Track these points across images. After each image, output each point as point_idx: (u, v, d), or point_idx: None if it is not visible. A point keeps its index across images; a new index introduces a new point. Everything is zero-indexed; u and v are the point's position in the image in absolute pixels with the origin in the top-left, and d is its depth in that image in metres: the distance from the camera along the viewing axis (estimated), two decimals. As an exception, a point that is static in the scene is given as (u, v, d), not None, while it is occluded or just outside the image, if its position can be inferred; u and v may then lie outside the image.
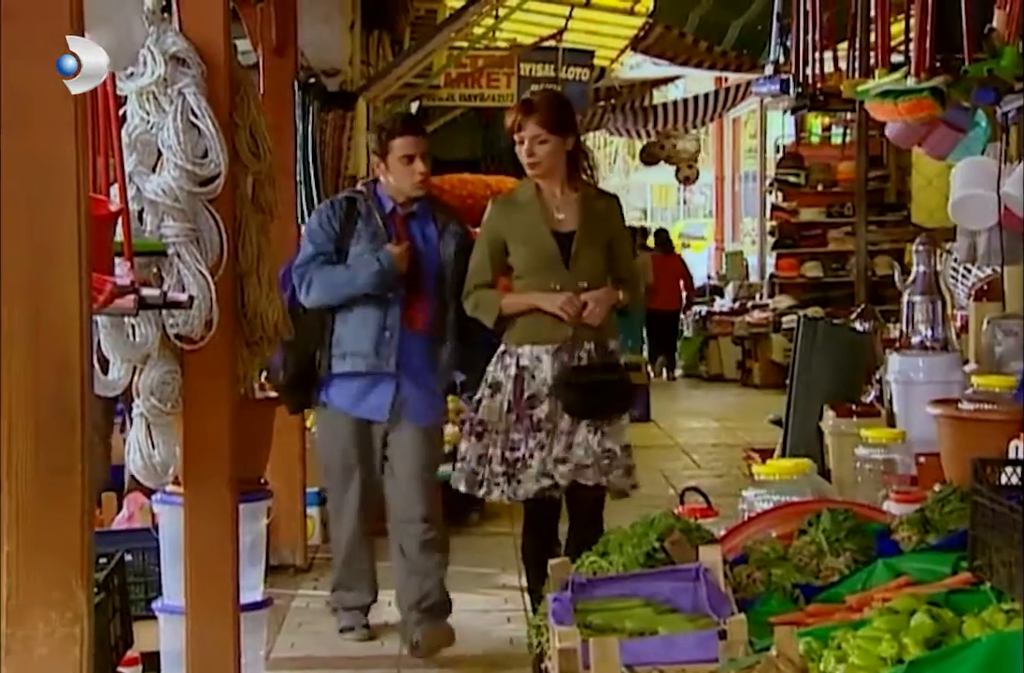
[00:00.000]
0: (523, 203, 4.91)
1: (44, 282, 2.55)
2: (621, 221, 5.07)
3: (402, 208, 5.18)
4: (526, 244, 4.86)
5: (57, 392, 2.55)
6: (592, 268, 4.85)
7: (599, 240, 4.87)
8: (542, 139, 4.80)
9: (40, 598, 2.53)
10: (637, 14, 11.37)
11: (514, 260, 4.90)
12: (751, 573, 3.23)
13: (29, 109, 2.52)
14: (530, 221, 4.85)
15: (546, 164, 4.84)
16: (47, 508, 2.55)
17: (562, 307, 4.75)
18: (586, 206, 4.88)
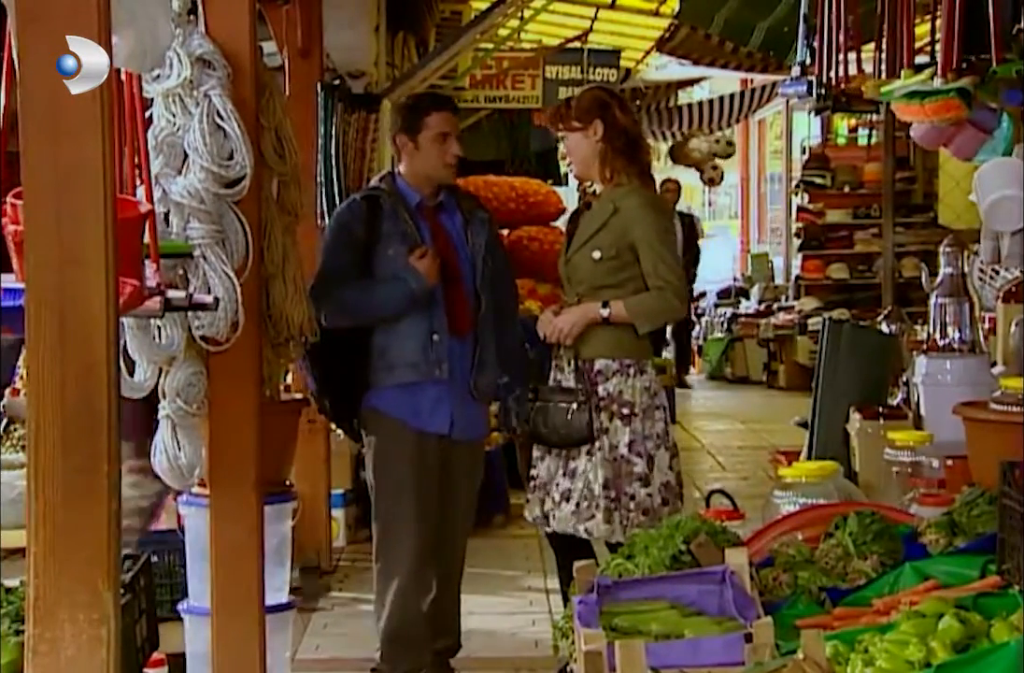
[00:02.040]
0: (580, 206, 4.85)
1: (71, 284, 2.56)
2: (639, 225, 4.50)
3: (428, 200, 4.69)
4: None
5: (84, 394, 2.56)
6: (586, 281, 4.55)
7: (595, 247, 4.52)
8: (566, 135, 4.61)
9: (67, 599, 2.54)
10: (662, 15, 11.35)
11: None
12: (777, 576, 3.22)
13: (56, 111, 2.53)
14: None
15: (575, 160, 4.60)
16: (74, 509, 2.56)
17: (540, 329, 4.60)
18: (595, 208, 4.59)
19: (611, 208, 4.48)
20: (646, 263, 4.47)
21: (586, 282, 4.52)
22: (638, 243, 4.47)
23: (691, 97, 15.37)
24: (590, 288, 4.51)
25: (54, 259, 2.55)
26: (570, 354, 4.52)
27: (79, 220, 2.55)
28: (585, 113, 4.53)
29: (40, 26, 2.52)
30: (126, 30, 2.75)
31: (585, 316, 4.47)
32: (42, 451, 2.56)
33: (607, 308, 4.45)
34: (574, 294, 4.56)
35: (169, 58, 3.51)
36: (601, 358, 4.48)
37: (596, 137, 4.51)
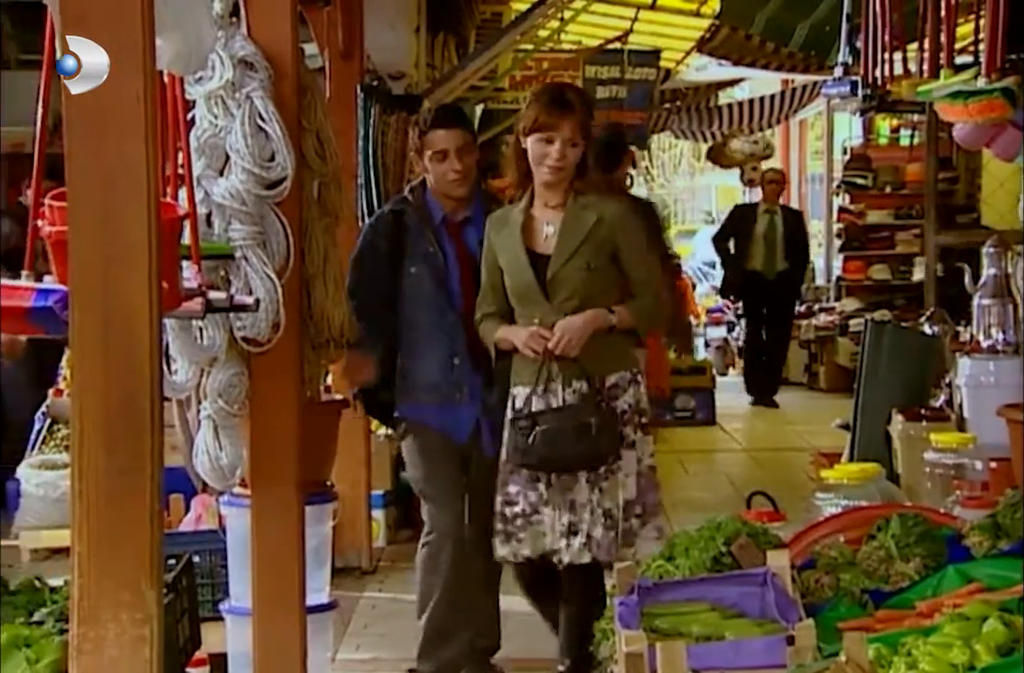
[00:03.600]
0: (512, 217, 4.25)
1: (114, 285, 2.57)
2: (626, 228, 4.22)
3: (453, 214, 4.57)
4: (509, 269, 4.23)
5: (127, 394, 2.57)
6: (581, 296, 4.14)
7: (587, 260, 4.13)
8: (575, 142, 4.13)
9: (111, 599, 2.55)
10: (703, 15, 11.32)
11: (506, 286, 4.28)
12: (819, 578, 3.21)
13: (100, 114, 2.54)
14: (512, 239, 4.21)
15: (569, 171, 4.15)
16: (117, 509, 2.57)
17: (526, 344, 4.13)
18: (572, 218, 4.16)
19: (593, 217, 4.14)
20: (637, 269, 4.22)
21: (578, 295, 4.14)
22: (626, 250, 4.19)
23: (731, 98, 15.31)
24: (582, 300, 4.14)
25: (98, 261, 2.57)
26: (572, 372, 4.12)
27: (123, 222, 2.57)
28: (591, 114, 4.27)
29: (84, 28, 2.54)
30: (170, 32, 2.76)
31: (594, 323, 4.12)
32: (85, 451, 2.57)
33: (613, 314, 4.14)
34: (558, 311, 4.12)
35: (211, 60, 3.52)
36: (615, 372, 4.17)
37: (582, 146, 4.17)
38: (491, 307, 4.29)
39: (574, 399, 4.09)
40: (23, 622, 3.10)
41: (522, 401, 4.16)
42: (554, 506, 4.12)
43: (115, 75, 2.52)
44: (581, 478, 4.08)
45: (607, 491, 4.09)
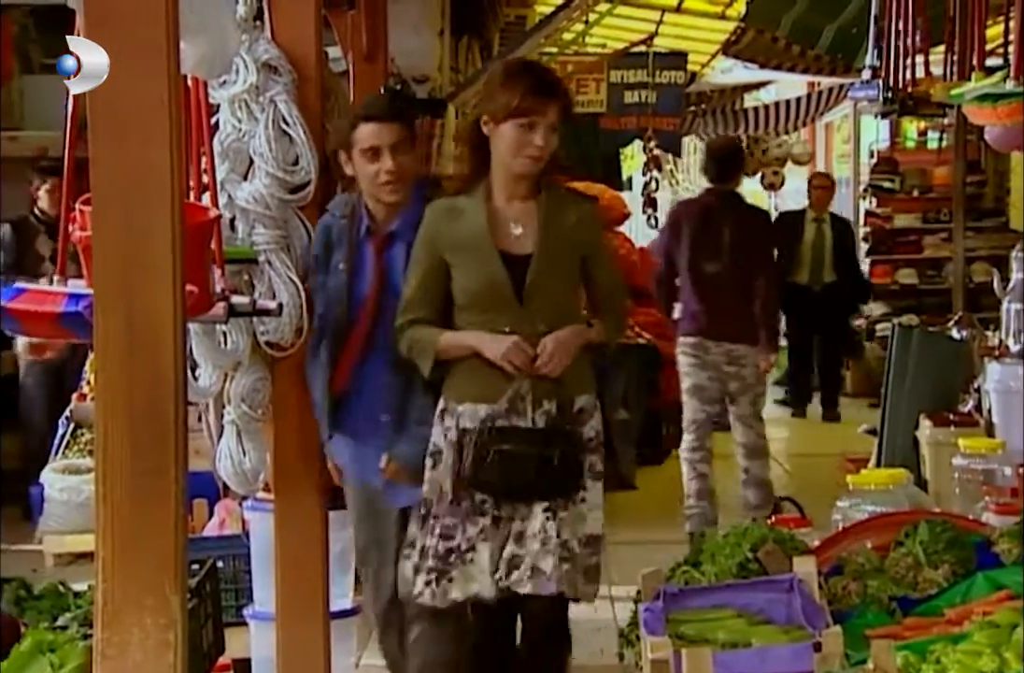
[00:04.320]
0: (468, 209, 3.63)
1: (138, 289, 2.56)
2: (597, 231, 3.81)
3: (380, 225, 3.80)
4: (468, 269, 3.60)
5: (151, 398, 2.56)
6: (556, 304, 3.62)
7: (566, 264, 3.64)
8: (555, 128, 3.62)
9: (135, 604, 2.54)
10: (729, 18, 11.30)
11: (455, 287, 3.63)
12: (847, 585, 3.19)
13: (124, 117, 2.53)
14: (475, 236, 3.60)
15: (546, 157, 3.62)
16: (141, 513, 2.56)
17: (505, 356, 3.54)
18: (551, 216, 3.62)
19: (572, 216, 3.65)
20: (607, 278, 3.76)
21: (554, 302, 3.62)
22: (592, 254, 3.71)
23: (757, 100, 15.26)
24: (557, 309, 3.63)
25: (122, 265, 2.56)
26: (543, 391, 3.57)
27: (147, 226, 2.56)
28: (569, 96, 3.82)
29: (109, 32, 2.53)
30: (195, 36, 2.76)
31: (581, 339, 3.62)
32: (110, 455, 2.56)
33: (591, 329, 3.68)
34: (531, 321, 3.58)
35: (235, 64, 3.53)
36: (584, 395, 3.65)
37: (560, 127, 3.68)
38: (421, 313, 3.63)
39: (543, 422, 3.56)
40: (47, 627, 3.11)
41: (474, 420, 3.57)
42: (496, 540, 3.55)
43: (139, 79, 2.51)
44: (536, 507, 3.54)
45: (566, 522, 3.54)
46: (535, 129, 3.56)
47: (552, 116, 3.59)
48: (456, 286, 3.62)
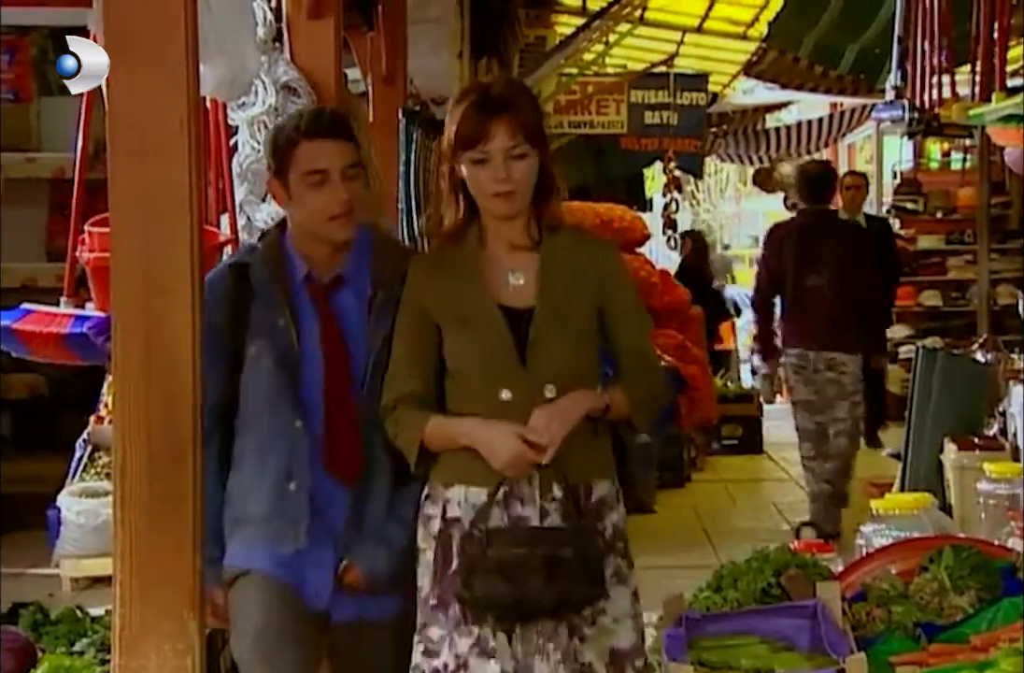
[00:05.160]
0: (459, 260, 2.95)
1: (157, 311, 2.56)
2: (616, 279, 3.01)
3: (321, 270, 3.03)
4: (461, 327, 2.92)
5: (169, 421, 2.56)
6: (565, 364, 2.89)
7: (574, 317, 2.93)
8: (519, 152, 2.86)
9: (152, 628, 2.53)
10: (750, 39, 11.31)
11: (447, 351, 2.94)
12: (871, 611, 3.17)
13: (143, 140, 2.54)
14: (467, 290, 2.93)
15: (524, 193, 2.90)
16: (159, 536, 2.55)
17: (509, 463, 2.81)
18: (553, 261, 2.94)
19: (581, 260, 2.97)
20: (631, 334, 3.00)
21: (562, 364, 2.90)
22: (618, 307, 2.99)
23: (779, 121, 15.28)
24: (567, 371, 2.90)
25: (141, 288, 2.56)
26: (551, 474, 2.84)
27: (167, 249, 2.56)
28: (543, 129, 2.99)
29: (129, 55, 2.54)
30: (214, 58, 2.76)
31: (585, 407, 2.87)
32: (128, 478, 2.56)
33: (606, 396, 2.91)
34: (536, 385, 2.87)
35: (254, 85, 3.53)
36: (602, 480, 2.91)
37: (536, 157, 2.92)
38: (411, 385, 2.93)
39: (553, 514, 2.84)
40: (65, 652, 3.10)
41: (464, 508, 2.87)
42: (496, 659, 2.84)
43: (159, 101, 2.52)
44: (546, 625, 2.84)
45: (590, 640, 2.85)
46: (489, 160, 2.86)
47: (505, 138, 2.85)
48: (448, 350, 2.93)
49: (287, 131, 3.02)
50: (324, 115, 3.10)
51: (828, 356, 6.67)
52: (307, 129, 2.99)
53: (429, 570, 2.91)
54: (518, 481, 2.85)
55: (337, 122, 3.08)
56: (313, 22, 3.74)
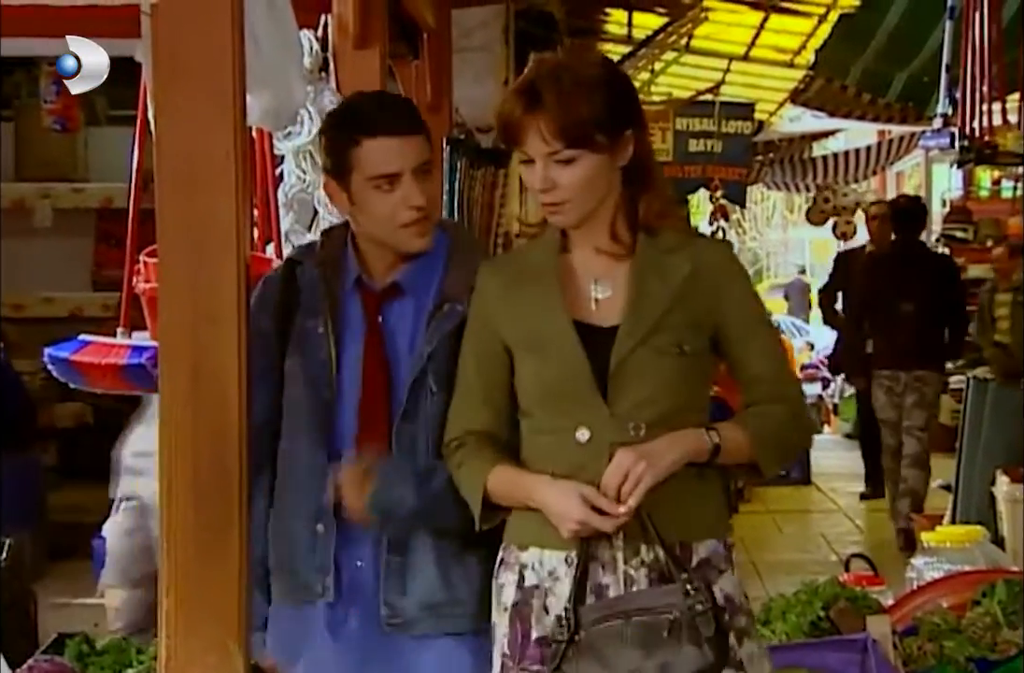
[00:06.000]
0: (534, 266, 2.45)
1: (204, 341, 2.56)
2: (739, 283, 2.44)
3: (375, 279, 2.59)
4: (532, 350, 2.40)
5: (216, 452, 2.55)
6: (656, 393, 2.33)
7: (672, 334, 2.35)
8: (563, 157, 2.32)
9: (198, 660, 2.52)
10: (797, 66, 11.30)
11: (516, 379, 2.43)
12: (922, 645, 3.14)
13: (191, 169, 2.54)
14: (539, 303, 2.40)
15: (578, 203, 2.35)
16: (205, 567, 2.54)
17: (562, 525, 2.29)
18: (644, 267, 2.38)
19: (684, 267, 2.38)
20: (757, 356, 2.42)
21: (658, 396, 2.33)
22: (740, 322, 2.41)
23: (826, 149, 15.24)
24: (664, 406, 2.34)
25: (188, 317, 2.56)
26: (639, 532, 2.31)
27: (213, 278, 2.55)
28: (616, 115, 2.35)
29: (177, 85, 2.55)
30: (261, 89, 2.77)
31: (687, 451, 2.30)
32: (174, 509, 2.55)
33: (715, 434, 2.33)
34: (622, 423, 2.32)
35: (300, 115, 3.54)
36: (710, 539, 2.37)
37: (622, 160, 2.37)
38: (479, 421, 2.45)
39: (641, 582, 2.32)
40: (109, 682, 3.09)
41: (539, 574, 2.38)
42: None
43: (206, 131, 2.52)
44: None
45: None
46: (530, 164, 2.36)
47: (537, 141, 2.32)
48: (518, 381, 2.43)
49: (346, 126, 2.55)
50: (389, 104, 2.62)
51: (916, 374, 7.32)
52: (371, 125, 2.52)
53: (500, 649, 2.41)
54: (598, 542, 2.31)
55: (406, 112, 2.61)
56: (359, 52, 3.75)
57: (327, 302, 2.58)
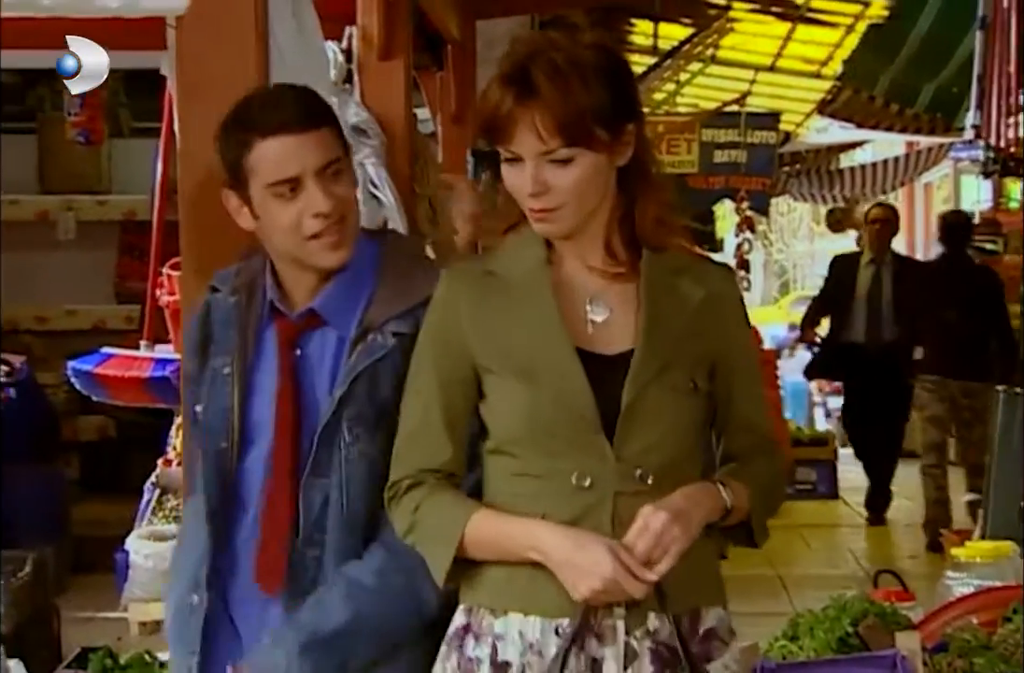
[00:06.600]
0: (520, 283, 2.06)
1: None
2: (740, 319, 2.18)
3: (294, 306, 2.25)
4: (521, 378, 2.02)
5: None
6: (669, 436, 2.03)
7: (686, 372, 2.05)
8: (559, 157, 1.97)
9: None
10: (824, 77, 11.27)
11: (490, 414, 2.06)
12: (952, 662, 3.12)
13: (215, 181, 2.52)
14: (533, 326, 2.03)
15: (574, 209, 2.01)
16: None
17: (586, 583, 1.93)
18: (658, 290, 2.05)
19: (698, 294, 2.07)
20: (750, 400, 2.16)
21: (669, 447, 2.03)
22: (737, 363, 2.14)
23: (853, 160, 15.19)
24: (674, 450, 2.04)
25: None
26: (648, 602, 1.98)
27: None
28: (619, 107, 2.00)
29: (201, 98, 2.54)
30: (284, 100, 2.75)
31: (707, 513, 2.02)
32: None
33: (726, 490, 2.05)
34: (627, 470, 2.00)
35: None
36: (716, 606, 2.10)
37: (621, 160, 2.03)
38: (442, 462, 2.07)
39: (644, 656, 1.99)
40: (131, 697, 3.07)
41: (518, 647, 2.01)
42: None
43: (229, 143, 2.50)
44: None
45: None
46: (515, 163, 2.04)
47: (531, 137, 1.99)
48: (493, 411, 2.05)
49: (235, 128, 2.21)
50: (280, 97, 2.24)
51: (965, 385, 7.62)
52: (260, 122, 2.18)
53: None
54: (594, 609, 1.97)
55: (302, 104, 2.22)
56: (383, 63, 3.75)
57: (238, 336, 2.23)
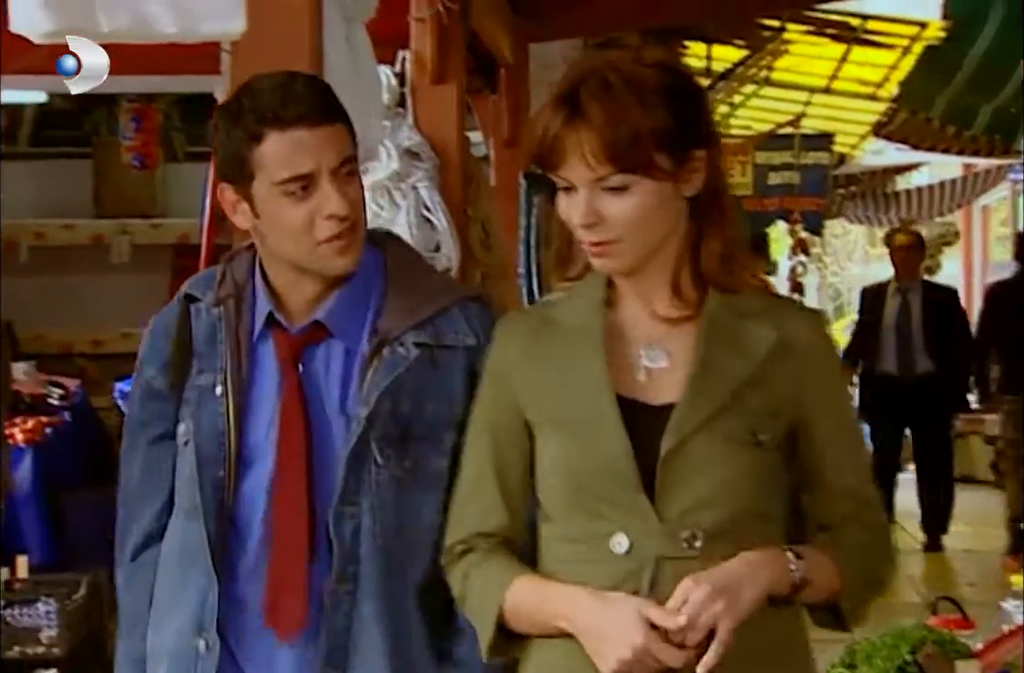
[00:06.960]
0: (571, 329, 1.89)
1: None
2: (831, 369, 1.95)
3: (293, 317, 2.04)
4: (561, 430, 1.84)
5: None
6: (721, 494, 1.79)
7: (746, 422, 1.81)
8: (612, 185, 1.79)
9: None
10: (879, 99, 11.21)
11: (536, 468, 1.88)
12: (1013, 693, 3.03)
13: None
14: (577, 373, 1.85)
15: (633, 243, 1.81)
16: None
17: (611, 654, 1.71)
18: (719, 334, 1.84)
19: (768, 337, 1.84)
20: (846, 462, 1.90)
21: (725, 498, 1.79)
22: (827, 419, 1.89)
23: (909, 182, 15.10)
24: (732, 512, 1.79)
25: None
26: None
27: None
28: (684, 131, 1.80)
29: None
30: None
31: (766, 585, 1.76)
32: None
33: (801, 560, 1.79)
34: (673, 532, 1.77)
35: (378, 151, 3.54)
36: None
37: (691, 189, 1.83)
38: (497, 525, 1.89)
39: None
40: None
41: None
42: None
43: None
44: None
45: None
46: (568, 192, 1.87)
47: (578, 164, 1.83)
48: (537, 470, 1.88)
49: (243, 118, 1.96)
50: (296, 86, 1.98)
51: None
52: (275, 113, 1.94)
53: None
54: None
55: (319, 95, 2.00)
56: (436, 87, 3.76)
57: (228, 352, 2.00)
